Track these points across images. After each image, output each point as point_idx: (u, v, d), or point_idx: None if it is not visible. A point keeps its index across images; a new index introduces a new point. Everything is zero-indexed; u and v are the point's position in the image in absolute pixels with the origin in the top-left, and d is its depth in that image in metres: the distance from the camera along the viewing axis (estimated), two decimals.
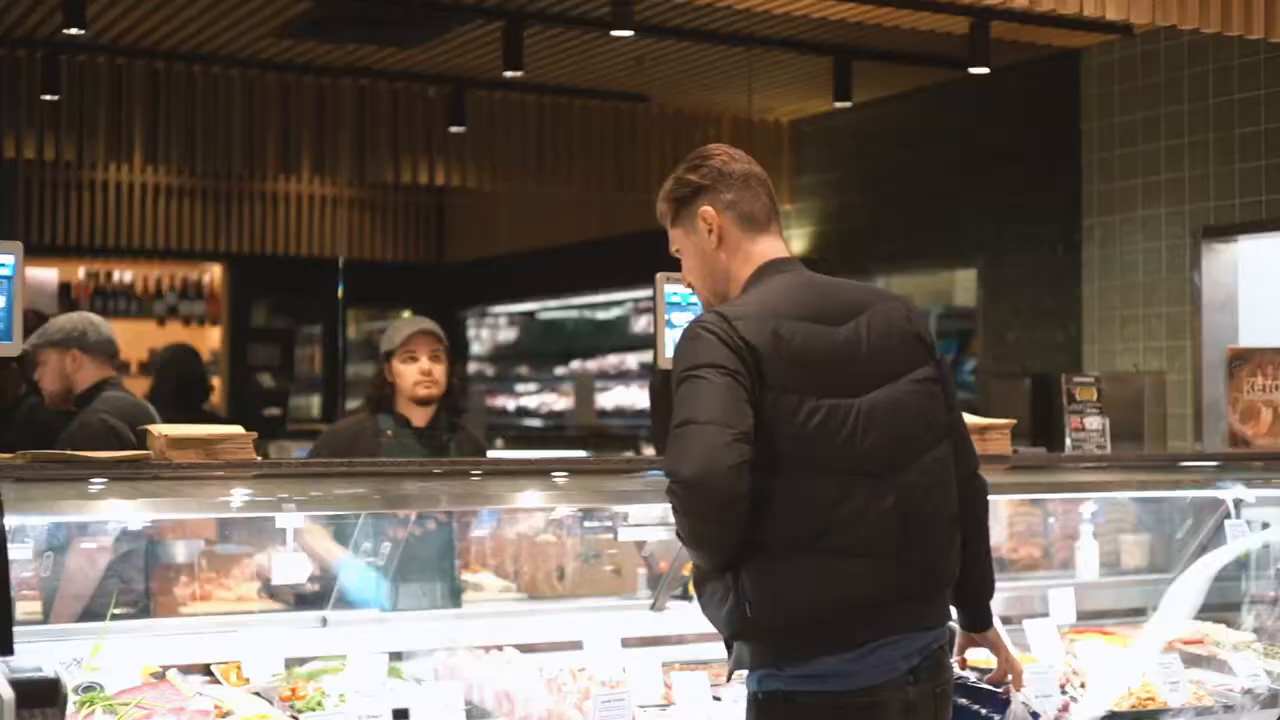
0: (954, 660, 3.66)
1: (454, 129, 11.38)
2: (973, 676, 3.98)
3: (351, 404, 15.36)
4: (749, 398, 3.07)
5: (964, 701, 3.83)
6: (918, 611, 3.22)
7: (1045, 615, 5.28)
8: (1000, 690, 3.81)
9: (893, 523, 3.15)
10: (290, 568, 4.19)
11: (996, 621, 3.74)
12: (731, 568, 3.13)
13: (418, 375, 5.42)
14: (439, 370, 5.46)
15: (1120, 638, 5.19)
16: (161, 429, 3.87)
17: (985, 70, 8.74)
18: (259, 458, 3.97)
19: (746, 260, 3.36)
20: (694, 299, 4.79)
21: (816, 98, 11.50)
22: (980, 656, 3.87)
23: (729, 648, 3.30)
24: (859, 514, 3.12)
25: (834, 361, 3.17)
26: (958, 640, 3.68)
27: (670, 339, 4.78)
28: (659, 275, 4.79)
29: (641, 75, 11.13)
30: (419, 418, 5.48)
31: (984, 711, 3.81)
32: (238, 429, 3.96)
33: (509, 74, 9.38)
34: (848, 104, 10.58)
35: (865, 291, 3.37)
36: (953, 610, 3.51)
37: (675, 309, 4.82)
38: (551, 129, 11.96)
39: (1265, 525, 5.62)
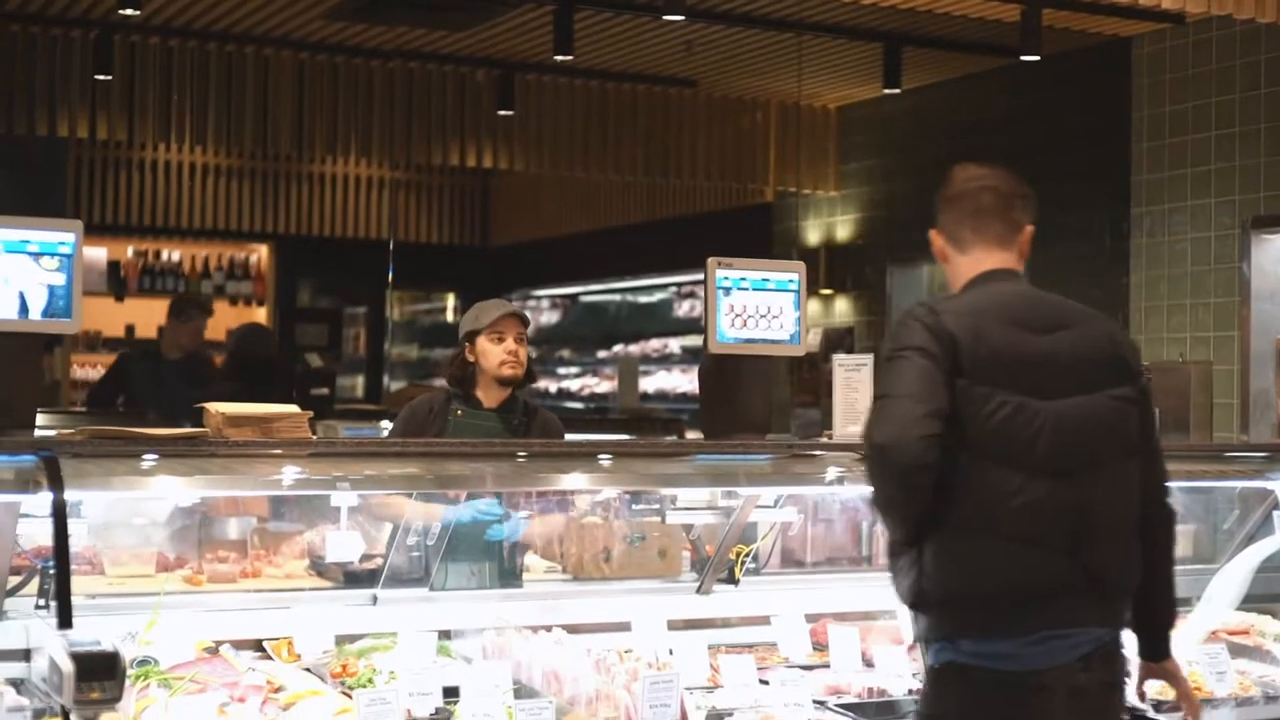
0: (1134, 692, 3.71)
1: (503, 112, 11.41)
2: (1150, 708, 3.95)
3: (396, 385, 15.42)
4: (945, 381, 3.28)
5: None
6: (1089, 609, 3.35)
7: None
8: None
9: (1069, 521, 3.31)
10: (344, 545, 4.23)
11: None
12: (918, 543, 3.33)
13: (504, 355, 5.44)
14: (523, 353, 5.50)
15: None
16: (218, 407, 3.92)
17: (1036, 58, 8.70)
18: (314, 436, 4.01)
19: (963, 271, 3.59)
20: (744, 284, 4.87)
21: (866, 84, 11.49)
22: (1157, 688, 3.85)
23: (914, 620, 3.49)
24: (1035, 507, 3.28)
25: (1031, 364, 3.35)
26: (1137, 670, 3.70)
27: (720, 323, 4.82)
28: (710, 260, 4.81)
29: (691, 60, 11.14)
30: (493, 399, 5.51)
31: None
32: (293, 408, 4.01)
33: (559, 58, 9.41)
34: (897, 91, 10.56)
35: (1076, 311, 3.53)
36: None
37: (725, 294, 4.85)
38: (599, 113, 11.99)
39: None
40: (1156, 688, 3.83)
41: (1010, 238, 3.60)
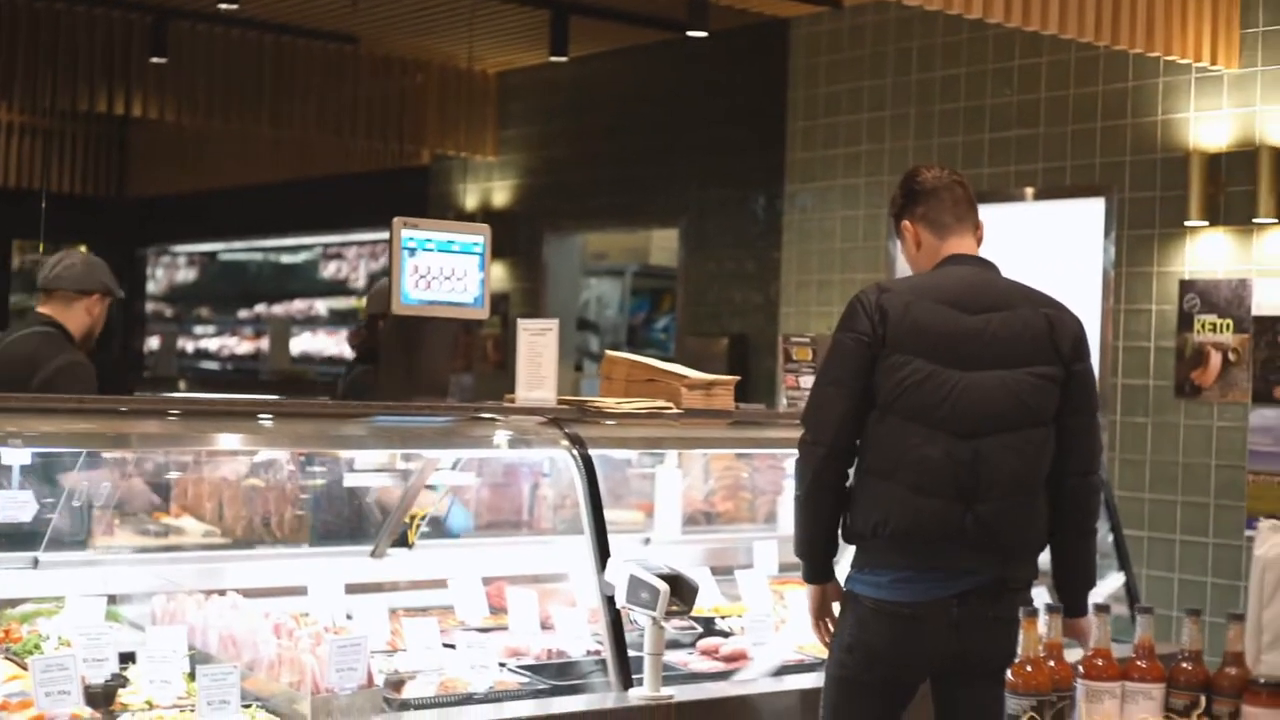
0: None
1: (155, 60, 10.96)
2: None
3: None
4: (869, 357, 3.80)
5: None
6: (973, 555, 3.75)
7: (750, 566, 5.45)
8: None
9: (964, 475, 3.73)
10: (15, 505, 4.03)
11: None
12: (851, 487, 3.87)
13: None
14: None
15: None
16: None
17: (702, 34, 8.85)
18: None
19: (935, 255, 4.02)
20: (430, 245, 4.83)
21: (534, 50, 11.47)
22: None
23: None
24: (933, 460, 3.74)
25: (950, 339, 3.80)
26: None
27: (404, 284, 4.75)
28: (396, 220, 4.76)
29: (356, 17, 10.91)
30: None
31: None
32: None
33: (224, 6, 9.10)
34: (563, 59, 10.60)
35: (1019, 296, 3.93)
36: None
37: (410, 254, 4.80)
38: (257, 65, 11.62)
39: None
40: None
41: (978, 226, 4.06)
